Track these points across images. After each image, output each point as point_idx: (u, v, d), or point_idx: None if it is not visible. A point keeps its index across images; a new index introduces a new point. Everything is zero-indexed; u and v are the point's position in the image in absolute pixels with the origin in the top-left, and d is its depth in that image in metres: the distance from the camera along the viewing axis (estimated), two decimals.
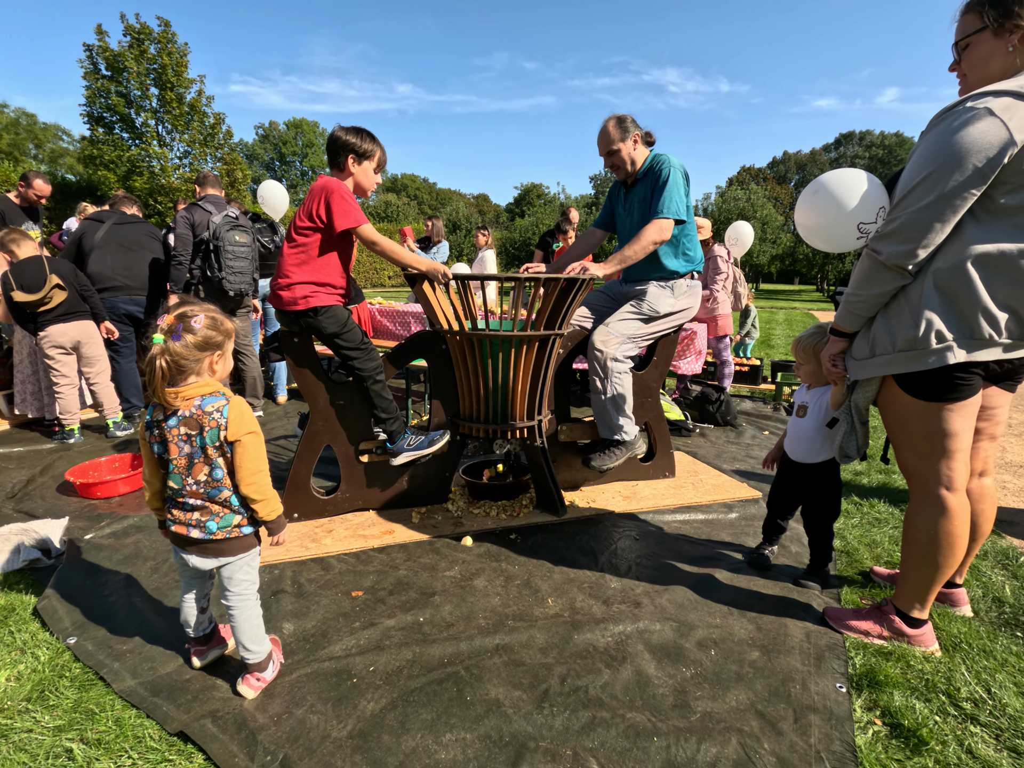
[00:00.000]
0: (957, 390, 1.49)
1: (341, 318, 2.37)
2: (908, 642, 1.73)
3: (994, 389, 1.67)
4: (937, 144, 1.37)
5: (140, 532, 2.49)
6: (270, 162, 55.87)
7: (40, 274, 3.51)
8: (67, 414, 3.76)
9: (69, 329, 3.64)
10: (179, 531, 1.44)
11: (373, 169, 2.41)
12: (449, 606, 1.96)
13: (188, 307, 1.42)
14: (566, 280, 2.42)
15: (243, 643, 1.50)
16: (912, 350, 1.48)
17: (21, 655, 1.68)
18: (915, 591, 1.71)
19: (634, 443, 2.74)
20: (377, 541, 2.41)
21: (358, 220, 2.23)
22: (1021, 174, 1.30)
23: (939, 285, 1.43)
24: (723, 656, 1.71)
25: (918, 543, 1.66)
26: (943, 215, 1.37)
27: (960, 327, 1.43)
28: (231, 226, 3.89)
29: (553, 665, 1.67)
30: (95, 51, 19.19)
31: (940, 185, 1.35)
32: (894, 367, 1.53)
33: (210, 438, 1.38)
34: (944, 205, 1.36)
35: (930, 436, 1.56)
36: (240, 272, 3.95)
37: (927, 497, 1.62)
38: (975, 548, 1.88)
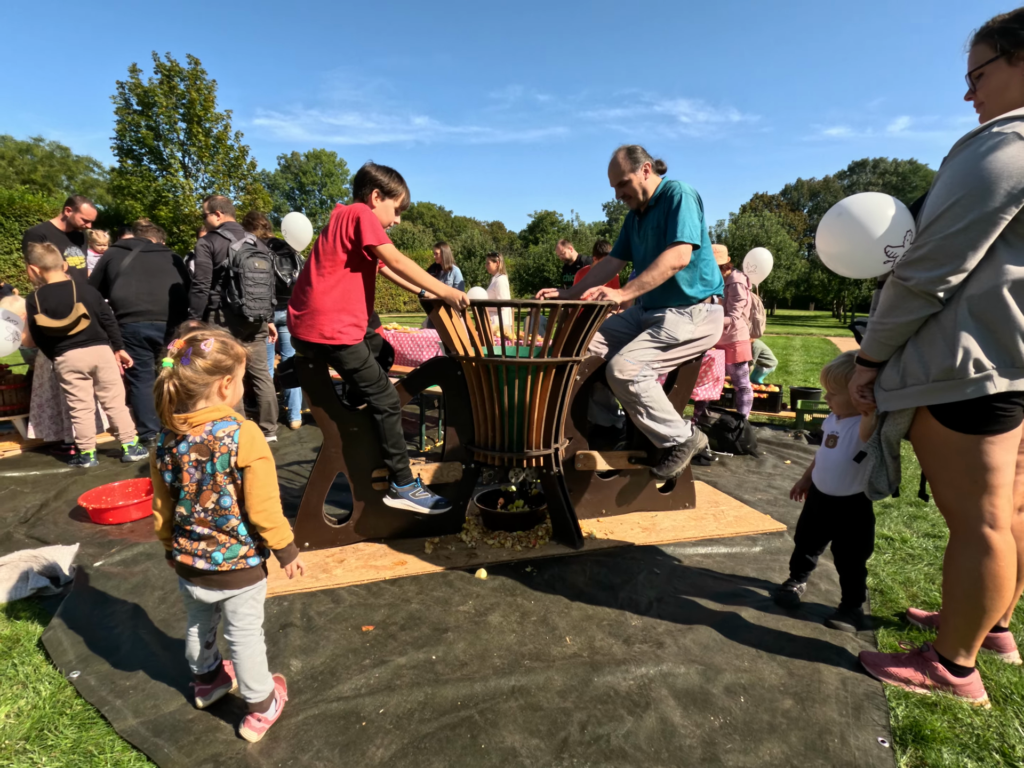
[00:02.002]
0: (999, 421, 1.41)
1: (362, 355, 2.36)
2: (953, 692, 1.61)
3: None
4: (965, 169, 1.34)
5: (150, 560, 2.45)
6: (290, 191, 57.38)
7: (67, 300, 3.55)
8: (83, 438, 3.77)
9: (86, 354, 3.67)
10: (185, 561, 1.40)
11: (394, 208, 2.45)
12: (463, 643, 1.88)
13: (199, 331, 1.41)
14: (584, 306, 2.38)
15: (245, 681, 1.44)
16: (949, 379, 1.41)
17: (23, 690, 1.63)
18: (960, 636, 1.60)
19: (693, 440, 2.72)
20: (389, 572, 2.34)
21: (381, 239, 2.24)
22: None
23: (974, 312, 1.38)
24: (753, 704, 1.61)
25: (961, 585, 1.56)
26: (975, 240, 1.33)
27: (999, 355, 1.37)
28: (251, 253, 3.92)
29: (572, 710, 1.58)
30: (128, 87, 20.05)
31: (972, 210, 1.32)
32: (929, 398, 1.46)
33: (220, 464, 1.35)
34: (976, 230, 1.33)
35: (971, 471, 1.47)
36: (260, 298, 3.98)
37: (970, 536, 1.52)
38: (1020, 588, 1.75)
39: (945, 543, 2.64)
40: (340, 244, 2.23)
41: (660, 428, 2.65)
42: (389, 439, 2.46)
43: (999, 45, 1.40)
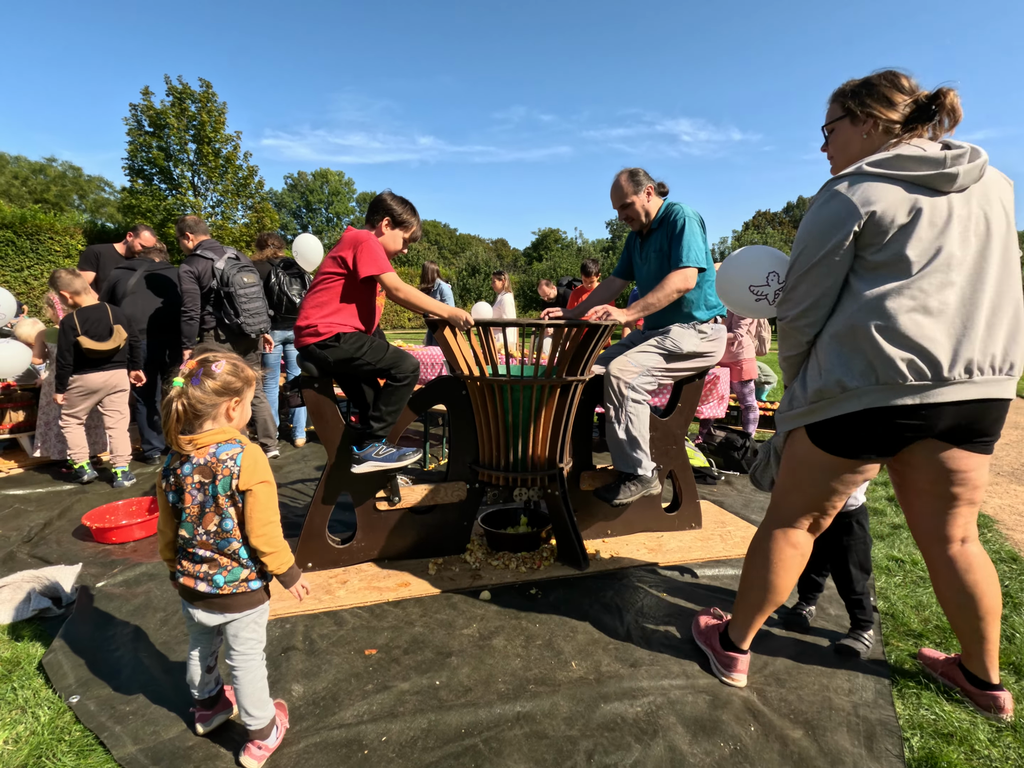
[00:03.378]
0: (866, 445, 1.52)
1: (362, 338, 2.37)
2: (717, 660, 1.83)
3: (959, 451, 1.51)
4: (805, 224, 1.57)
5: (152, 580, 2.44)
6: (297, 210, 58.15)
7: (106, 323, 3.61)
8: (75, 448, 3.71)
9: (103, 377, 3.67)
10: (187, 583, 1.39)
11: (403, 238, 2.49)
12: (467, 668, 1.85)
13: (211, 353, 1.42)
14: (588, 326, 2.39)
15: (245, 707, 1.42)
16: (819, 401, 1.54)
17: (22, 715, 1.61)
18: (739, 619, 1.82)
19: (650, 481, 2.64)
20: (392, 594, 2.32)
21: (382, 268, 2.26)
22: (879, 235, 1.43)
23: (837, 338, 1.52)
24: (763, 732, 1.57)
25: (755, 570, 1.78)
26: (816, 284, 1.53)
27: (864, 375, 1.46)
28: (237, 268, 3.87)
29: (579, 738, 1.54)
30: (140, 109, 20.44)
31: (810, 259, 1.52)
32: (805, 419, 1.59)
33: (222, 486, 1.35)
34: (814, 275, 1.52)
35: (816, 485, 1.63)
36: (256, 313, 3.95)
37: (770, 528, 1.75)
38: (986, 629, 1.62)
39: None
40: (339, 267, 2.27)
41: (628, 450, 2.59)
42: (391, 403, 2.42)
43: (846, 106, 1.58)
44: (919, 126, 1.49)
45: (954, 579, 1.62)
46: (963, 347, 1.40)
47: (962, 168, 1.39)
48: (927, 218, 1.40)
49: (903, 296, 1.41)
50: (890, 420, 1.46)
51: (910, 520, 1.71)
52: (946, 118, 1.48)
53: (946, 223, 1.40)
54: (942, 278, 1.39)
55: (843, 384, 1.48)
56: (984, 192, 1.44)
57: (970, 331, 1.40)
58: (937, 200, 1.41)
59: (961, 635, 1.69)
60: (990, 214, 1.43)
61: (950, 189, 1.41)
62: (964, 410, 1.44)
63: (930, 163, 1.40)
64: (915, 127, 1.49)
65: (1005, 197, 1.47)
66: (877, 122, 1.52)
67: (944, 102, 1.46)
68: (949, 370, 1.39)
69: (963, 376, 1.40)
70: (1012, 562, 2.66)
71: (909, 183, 1.42)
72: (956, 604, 1.65)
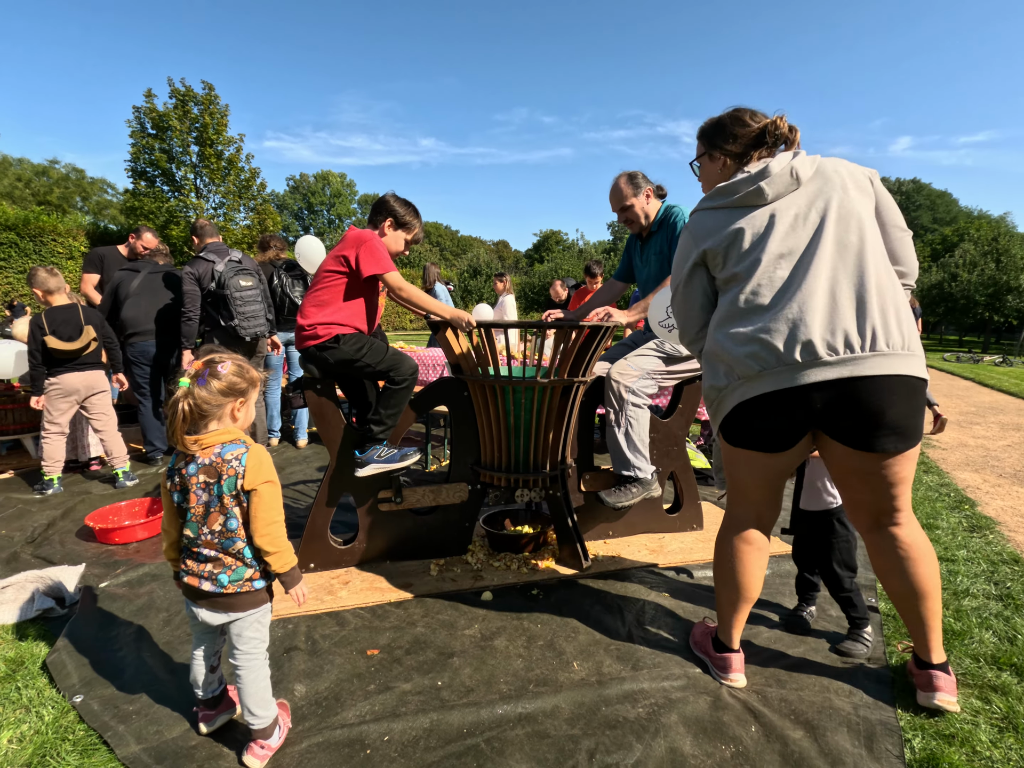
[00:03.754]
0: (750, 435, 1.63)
1: (362, 339, 2.38)
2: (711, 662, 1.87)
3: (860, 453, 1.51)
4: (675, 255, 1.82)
5: (155, 581, 2.45)
6: (299, 211, 58.27)
7: (76, 323, 3.54)
8: (49, 460, 3.62)
9: (80, 379, 3.60)
10: (191, 582, 1.40)
11: (405, 240, 2.50)
12: (469, 669, 1.86)
13: (217, 354, 1.43)
14: (590, 327, 2.39)
15: (248, 707, 1.43)
16: (710, 407, 1.72)
17: (26, 714, 1.62)
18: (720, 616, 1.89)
19: (650, 483, 2.65)
20: (394, 595, 2.33)
21: (385, 267, 2.28)
22: (716, 258, 1.63)
23: (705, 352, 1.71)
24: (764, 733, 1.58)
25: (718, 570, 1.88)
26: (683, 305, 1.78)
27: (725, 376, 1.61)
28: (235, 271, 3.87)
29: (580, 738, 1.55)
30: (143, 112, 20.51)
31: (675, 286, 1.79)
32: (715, 422, 1.74)
33: (227, 486, 1.36)
34: (680, 298, 1.78)
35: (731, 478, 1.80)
36: (252, 316, 3.92)
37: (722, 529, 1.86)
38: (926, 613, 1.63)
39: (957, 567, 2.61)
40: (341, 266, 2.28)
41: (628, 453, 2.61)
42: (391, 407, 2.43)
43: (704, 144, 1.79)
44: (754, 154, 1.68)
45: (890, 565, 1.64)
46: (800, 331, 1.46)
47: (764, 183, 1.56)
48: (750, 231, 1.57)
49: (739, 301, 1.57)
50: (762, 411, 1.56)
51: (845, 507, 1.75)
52: (782, 143, 1.66)
53: (770, 229, 1.55)
54: (770, 275, 1.53)
55: (715, 387, 1.64)
56: (820, 189, 1.56)
57: (806, 317, 1.46)
58: (758, 212, 1.57)
59: (903, 616, 1.71)
60: (829, 207, 1.53)
61: (767, 200, 1.57)
62: (828, 394, 1.46)
63: (739, 187, 1.60)
64: (751, 156, 1.69)
65: (854, 186, 1.57)
66: (726, 158, 1.72)
67: (772, 131, 1.65)
68: (788, 354, 1.47)
69: (806, 359, 1.45)
70: (1014, 563, 2.65)
71: (732, 208, 1.62)
72: (895, 590, 1.67)
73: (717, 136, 1.73)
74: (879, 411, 1.44)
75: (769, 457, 1.63)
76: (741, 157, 1.70)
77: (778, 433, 1.58)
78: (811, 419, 1.52)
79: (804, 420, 1.53)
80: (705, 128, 1.79)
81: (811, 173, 1.57)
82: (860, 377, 1.43)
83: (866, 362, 1.43)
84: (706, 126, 1.79)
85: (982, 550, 2.81)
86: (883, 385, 1.43)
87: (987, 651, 1.93)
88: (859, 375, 1.43)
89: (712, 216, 1.66)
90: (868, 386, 1.43)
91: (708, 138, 1.77)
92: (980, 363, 16.75)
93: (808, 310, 1.46)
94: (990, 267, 27.68)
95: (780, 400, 1.51)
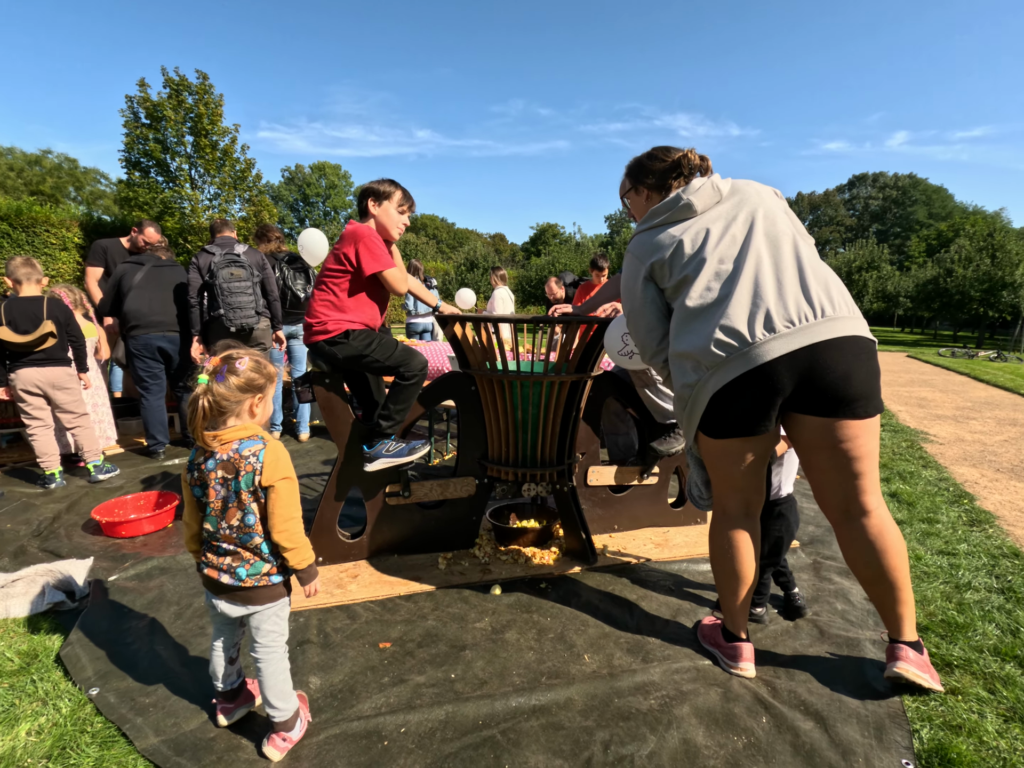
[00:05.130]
0: (729, 423, 1.68)
1: (371, 335, 2.40)
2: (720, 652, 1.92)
3: (825, 420, 1.61)
4: (621, 281, 1.96)
5: (164, 574, 2.45)
6: (294, 203, 57.85)
7: (35, 316, 3.41)
8: (43, 456, 3.56)
9: (37, 374, 3.47)
10: (211, 575, 1.41)
11: (394, 209, 2.47)
12: (481, 661, 1.87)
13: (235, 350, 1.43)
14: (599, 322, 2.40)
15: (269, 699, 1.44)
16: (684, 408, 1.78)
17: (43, 707, 1.63)
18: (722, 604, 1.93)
19: None
20: (404, 588, 2.34)
21: (385, 264, 2.28)
22: (662, 270, 1.77)
23: (671, 356, 1.80)
24: (775, 724, 1.60)
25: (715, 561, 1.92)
26: (639, 322, 1.88)
27: (693, 372, 1.70)
28: (227, 263, 3.89)
29: (594, 729, 1.57)
30: (136, 102, 20.27)
31: (629, 308, 1.91)
32: (690, 424, 1.79)
33: (245, 482, 1.36)
34: (636, 316, 1.88)
35: (710, 468, 1.86)
36: (239, 307, 3.91)
37: (713, 521, 1.91)
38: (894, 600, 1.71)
39: (958, 560, 2.64)
40: (343, 264, 2.29)
41: (663, 403, 2.68)
42: (400, 402, 2.45)
43: (630, 181, 1.98)
44: (672, 183, 1.88)
45: (859, 555, 1.72)
46: (756, 312, 1.58)
47: (692, 196, 1.74)
48: (689, 239, 1.72)
49: (694, 299, 1.68)
50: (736, 395, 1.62)
51: (816, 499, 1.81)
52: (696, 171, 1.87)
53: (707, 234, 1.71)
54: (717, 271, 1.66)
55: (687, 384, 1.72)
56: (741, 199, 1.76)
57: (759, 299, 1.59)
58: (691, 223, 1.75)
59: (874, 600, 1.79)
60: (753, 209, 1.73)
61: (696, 213, 1.75)
62: (794, 365, 1.56)
63: (670, 205, 1.78)
64: (670, 185, 1.88)
65: (768, 194, 1.81)
66: (648, 190, 1.93)
67: (685, 162, 1.85)
68: (751, 335, 1.57)
69: (768, 335, 1.56)
70: (1015, 557, 2.69)
71: (666, 224, 1.79)
72: (864, 577, 1.75)
73: (639, 173, 1.95)
74: (844, 374, 1.56)
75: (748, 442, 1.71)
76: (660, 188, 1.90)
77: (754, 414, 1.65)
78: (781, 395, 1.61)
79: (775, 397, 1.61)
80: (630, 167, 2.00)
81: (729, 188, 1.79)
82: (818, 343, 1.54)
83: (820, 327, 1.56)
84: (631, 165, 2.00)
85: (982, 544, 2.85)
86: (839, 346, 1.56)
87: (991, 643, 1.97)
88: (817, 340, 1.54)
89: (650, 235, 1.82)
90: (826, 350, 1.55)
91: (632, 176, 1.98)
92: (975, 358, 16.86)
93: (759, 293, 1.60)
94: (985, 263, 27.76)
95: (751, 380, 1.60)
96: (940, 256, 31.81)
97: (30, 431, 3.55)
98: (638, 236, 1.87)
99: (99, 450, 3.81)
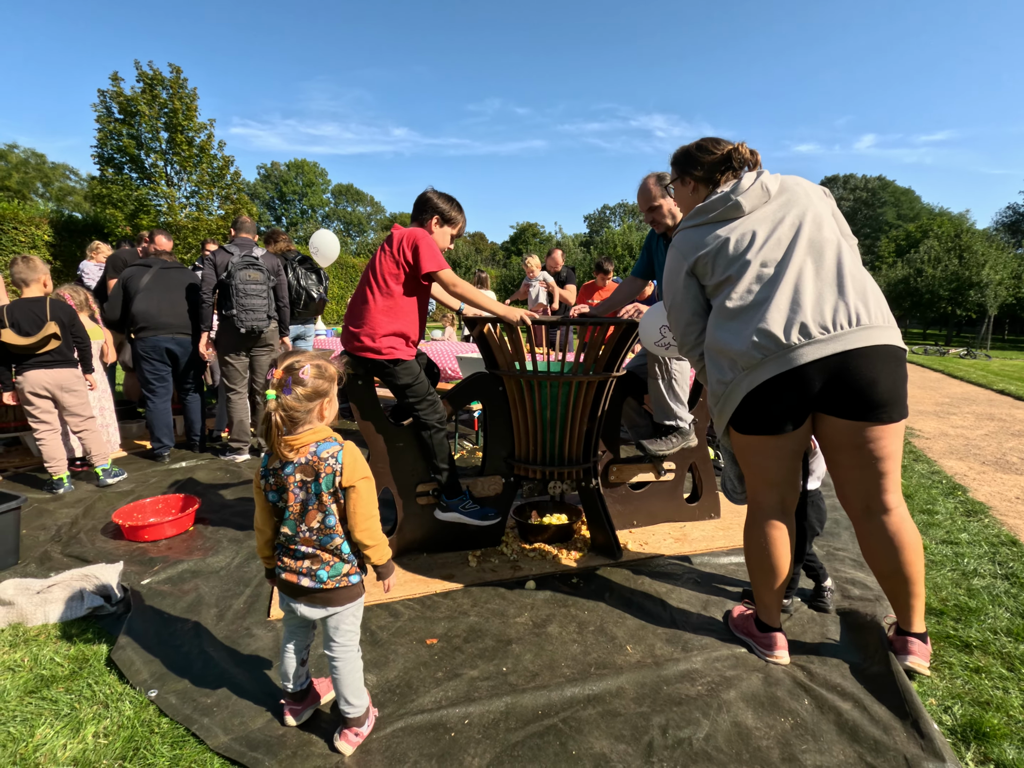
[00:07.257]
0: (758, 423, 1.76)
1: (415, 371, 2.44)
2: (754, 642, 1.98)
3: (854, 423, 1.68)
4: (663, 276, 2.00)
5: (197, 577, 2.45)
6: (271, 200, 56.90)
7: (38, 318, 3.37)
8: (51, 461, 3.51)
9: (45, 376, 3.43)
10: (289, 579, 1.43)
11: (451, 235, 2.56)
12: (529, 655, 1.93)
13: (293, 359, 1.42)
14: (625, 323, 2.48)
15: (345, 696, 1.48)
16: (717, 403, 1.85)
17: (104, 709, 1.64)
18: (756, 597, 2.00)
19: (687, 433, 2.82)
20: (440, 586, 2.39)
21: (441, 264, 2.32)
22: (706, 267, 1.81)
23: (707, 350, 1.87)
24: (817, 705, 1.69)
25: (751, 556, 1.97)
26: (679, 315, 1.94)
27: (730, 370, 1.76)
28: (245, 264, 3.93)
29: (650, 715, 1.64)
30: (109, 96, 19.73)
31: (670, 300, 1.95)
32: (723, 418, 1.86)
33: (325, 484, 1.39)
34: (674, 310, 1.95)
35: (744, 465, 1.92)
36: (252, 309, 3.95)
37: (749, 517, 1.96)
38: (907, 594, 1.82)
39: (962, 549, 2.79)
40: (399, 266, 2.30)
41: (670, 402, 2.77)
42: (438, 454, 2.52)
43: (676, 170, 2.00)
44: (720, 177, 1.88)
45: (877, 551, 1.82)
46: (794, 317, 1.64)
47: (741, 196, 1.76)
48: (734, 240, 1.75)
49: (735, 299, 1.74)
50: (769, 395, 1.70)
51: (837, 494, 1.89)
52: (745, 165, 1.87)
53: (753, 236, 1.74)
54: (759, 274, 1.71)
55: (722, 381, 1.78)
56: (789, 199, 1.78)
57: (797, 305, 1.65)
58: (738, 223, 1.77)
59: (887, 593, 1.91)
60: (801, 212, 1.76)
61: (744, 213, 1.78)
62: (824, 368, 1.62)
63: (718, 204, 1.80)
64: (717, 179, 1.89)
65: (816, 195, 1.82)
66: (695, 182, 1.93)
67: (736, 156, 1.86)
68: (786, 338, 1.63)
69: (803, 340, 1.62)
70: (1012, 545, 2.85)
71: (712, 223, 1.82)
72: (880, 571, 1.86)
73: (687, 163, 1.95)
74: (871, 381, 1.62)
75: (780, 439, 1.77)
76: (708, 181, 1.91)
77: (786, 414, 1.72)
78: (812, 397, 1.68)
79: (805, 399, 1.69)
80: (676, 156, 2.01)
81: (777, 187, 1.80)
82: (851, 350, 1.61)
83: (853, 335, 1.62)
84: (677, 154, 2.00)
85: (981, 533, 3.01)
86: (869, 354, 1.62)
87: (1004, 625, 2.10)
88: (849, 348, 1.61)
89: (696, 232, 1.85)
90: (857, 357, 1.61)
91: (679, 165, 1.98)
92: (946, 355, 17.47)
93: (798, 300, 1.65)
94: (954, 263, 28.75)
95: (784, 382, 1.66)
96: (910, 256, 32.80)
97: (37, 436, 3.48)
98: (683, 232, 1.89)
99: (107, 454, 3.75)
